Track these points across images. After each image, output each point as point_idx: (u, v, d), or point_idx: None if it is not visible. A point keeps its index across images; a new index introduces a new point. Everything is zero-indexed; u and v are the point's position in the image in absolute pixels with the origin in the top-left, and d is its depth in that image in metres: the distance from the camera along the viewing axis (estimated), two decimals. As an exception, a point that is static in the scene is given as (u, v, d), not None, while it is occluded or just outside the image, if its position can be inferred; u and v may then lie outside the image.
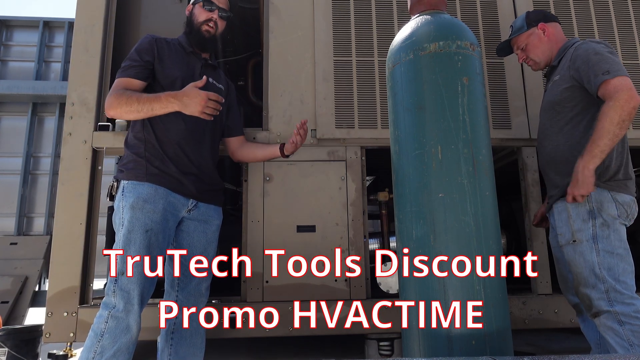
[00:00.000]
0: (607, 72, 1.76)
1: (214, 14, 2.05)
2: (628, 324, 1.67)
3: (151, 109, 1.82)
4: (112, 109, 1.84)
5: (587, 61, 1.83)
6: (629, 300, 1.70)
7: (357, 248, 2.28)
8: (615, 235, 1.77)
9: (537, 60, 2.11)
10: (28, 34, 5.56)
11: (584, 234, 1.79)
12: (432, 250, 1.42)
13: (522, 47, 2.15)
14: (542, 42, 2.08)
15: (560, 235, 1.88)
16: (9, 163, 5.19)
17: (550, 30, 2.07)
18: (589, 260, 1.77)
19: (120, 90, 1.85)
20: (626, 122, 1.71)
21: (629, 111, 1.71)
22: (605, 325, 1.73)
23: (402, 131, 1.58)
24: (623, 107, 1.71)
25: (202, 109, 1.81)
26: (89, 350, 1.65)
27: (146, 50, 1.95)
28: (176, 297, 1.94)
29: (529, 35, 2.10)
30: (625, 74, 1.76)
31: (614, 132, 1.71)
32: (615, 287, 1.71)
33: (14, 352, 2.77)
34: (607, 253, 1.75)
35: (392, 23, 2.54)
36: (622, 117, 1.71)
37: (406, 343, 1.49)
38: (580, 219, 1.80)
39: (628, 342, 1.66)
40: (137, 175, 1.84)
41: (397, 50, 1.64)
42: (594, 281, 1.75)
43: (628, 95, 1.71)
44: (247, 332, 2.17)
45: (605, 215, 1.77)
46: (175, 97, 1.81)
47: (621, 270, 1.73)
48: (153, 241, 1.76)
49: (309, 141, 2.38)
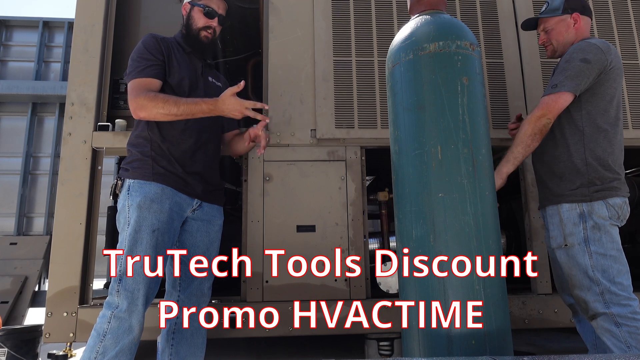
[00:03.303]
0: (555, 86, 1.85)
1: (213, 22, 2.04)
2: (625, 325, 1.67)
3: (192, 114, 1.83)
4: (145, 110, 1.81)
5: (563, 65, 1.88)
6: (625, 302, 1.70)
7: (357, 248, 2.28)
8: (607, 237, 1.77)
9: (556, 46, 2.05)
10: (28, 34, 5.55)
11: (575, 238, 1.80)
12: (432, 250, 1.42)
13: (548, 29, 2.06)
14: (569, 32, 2.01)
15: (552, 238, 1.89)
16: (9, 163, 5.19)
17: (581, 23, 2.01)
18: (581, 263, 1.77)
19: (148, 92, 1.83)
20: (537, 135, 1.85)
21: (539, 128, 1.85)
22: (602, 327, 1.72)
23: (402, 131, 1.58)
24: (535, 123, 1.85)
25: (240, 117, 1.88)
26: (91, 350, 1.65)
27: (157, 49, 1.93)
28: (178, 297, 1.94)
29: (560, 20, 2.02)
30: (568, 90, 1.82)
31: (527, 142, 1.86)
32: (611, 288, 1.71)
33: (13, 352, 2.77)
34: (599, 255, 1.75)
35: (392, 23, 2.54)
36: (534, 131, 1.85)
37: (406, 343, 1.49)
38: (571, 223, 1.81)
39: (625, 344, 1.66)
40: (144, 175, 1.83)
41: (397, 50, 1.64)
42: (588, 284, 1.75)
43: (540, 114, 1.84)
44: (247, 332, 2.17)
45: (595, 218, 1.78)
46: (215, 106, 1.83)
47: (616, 272, 1.73)
48: (160, 241, 1.76)
49: (308, 141, 2.38)
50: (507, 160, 1.87)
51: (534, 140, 1.86)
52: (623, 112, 2.50)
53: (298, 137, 2.38)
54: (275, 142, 2.37)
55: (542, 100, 1.87)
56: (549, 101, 1.84)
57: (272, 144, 2.36)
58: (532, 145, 1.87)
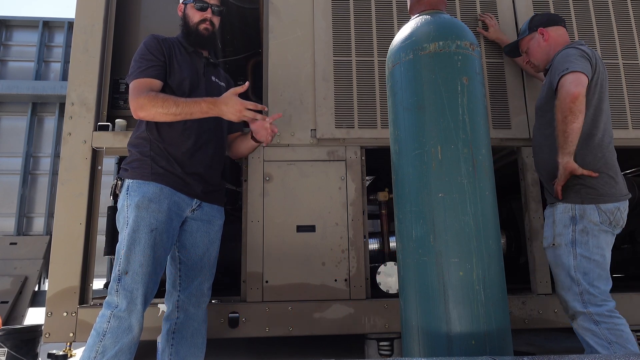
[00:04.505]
0: (566, 69, 1.84)
1: (207, 13, 2.04)
2: (603, 322, 1.75)
3: (190, 114, 1.82)
4: (145, 110, 1.81)
5: (557, 64, 1.92)
6: (601, 302, 1.78)
7: (357, 248, 2.28)
8: (594, 242, 1.84)
9: (536, 63, 2.21)
10: (28, 34, 5.56)
11: (563, 238, 1.88)
12: (432, 250, 1.42)
13: (525, 50, 2.25)
14: (541, 46, 2.15)
15: (544, 238, 1.99)
16: (9, 163, 5.19)
17: (549, 34, 2.14)
18: (565, 263, 1.85)
19: (149, 92, 1.83)
20: (568, 117, 1.79)
21: (568, 107, 1.78)
22: (582, 327, 1.80)
23: (402, 131, 1.58)
24: (561, 104, 1.81)
25: (238, 118, 1.85)
26: (91, 349, 1.65)
27: (159, 50, 1.93)
28: (178, 297, 1.94)
29: (530, 39, 2.20)
30: (581, 70, 1.82)
31: (563, 129, 1.82)
32: (589, 290, 1.80)
33: (13, 352, 2.77)
34: (584, 258, 1.83)
35: (391, 23, 2.54)
36: (564, 113, 1.80)
37: (406, 343, 1.49)
38: (562, 224, 1.89)
39: (606, 341, 1.73)
40: (143, 175, 1.83)
41: (397, 50, 1.64)
42: (569, 283, 1.84)
43: (565, 91, 1.79)
44: (247, 332, 2.17)
45: (586, 222, 1.85)
46: (215, 105, 1.83)
47: (596, 276, 1.81)
48: (158, 241, 1.76)
49: (308, 141, 2.38)
50: (562, 154, 1.83)
51: (568, 123, 1.80)
52: (623, 112, 2.52)
53: (298, 137, 2.38)
54: (275, 142, 2.37)
55: (559, 83, 1.84)
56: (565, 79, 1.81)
57: (272, 144, 2.36)
58: (568, 130, 1.80)
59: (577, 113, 1.78)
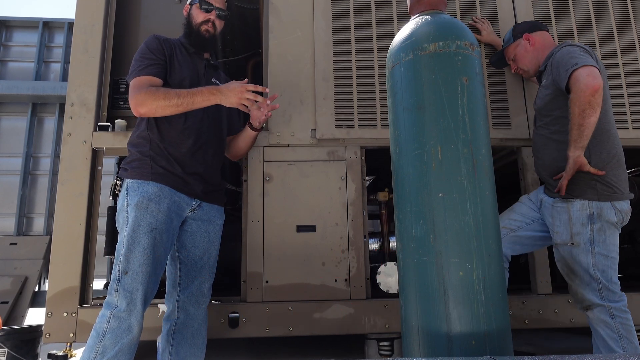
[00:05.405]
0: (575, 64, 1.83)
1: (211, 15, 2.05)
2: (619, 317, 1.80)
3: (192, 102, 1.82)
4: (146, 105, 1.80)
5: (561, 61, 1.91)
6: (619, 298, 1.84)
7: (357, 248, 2.28)
8: (611, 240, 1.87)
9: (525, 69, 2.22)
10: (28, 34, 5.56)
11: (581, 237, 1.87)
12: (432, 250, 1.42)
13: (512, 57, 2.27)
14: (528, 51, 2.18)
15: (556, 233, 1.95)
16: (9, 163, 5.19)
17: (535, 39, 2.17)
18: (584, 261, 1.86)
19: (149, 87, 1.83)
20: (587, 110, 1.77)
21: (587, 100, 1.76)
22: (597, 318, 1.84)
23: (402, 131, 1.58)
24: (579, 97, 1.77)
25: (239, 100, 1.84)
26: (91, 349, 1.65)
27: (159, 49, 1.94)
28: (178, 297, 1.93)
29: (516, 46, 2.22)
30: (591, 64, 1.81)
31: (579, 123, 1.79)
32: (609, 287, 1.84)
33: (13, 352, 2.77)
34: (602, 256, 1.85)
35: (391, 23, 2.54)
36: (582, 107, 1.77)
37: (406, 343, 1.49)
38: (579, 223, 1.88)
39: (618, 334, 1.79)
40: (142, 174, 1.83)
41: (397, 50, 1.64)
42: (588, 280, 1.86)
43: (583, 85, 1.76)
44: (247, 332, 2.17)
45: (603, 221, 1.85)
46: (217, 89, 1.84)
47: (613, 272, 1.86)
48: (157, 240, 1.76)
49: (308, 141, 2.38)
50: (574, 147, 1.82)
51: (585, 117, 1.77)
52: (623, 112, 2.52)
53: (298, 137, 2.38)
54: (275, 142, 2.37)
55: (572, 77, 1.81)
56: (579, 73, 1.79)
57: (272, 144, 2.36)
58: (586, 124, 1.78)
59: (596, 106, 1.77)
